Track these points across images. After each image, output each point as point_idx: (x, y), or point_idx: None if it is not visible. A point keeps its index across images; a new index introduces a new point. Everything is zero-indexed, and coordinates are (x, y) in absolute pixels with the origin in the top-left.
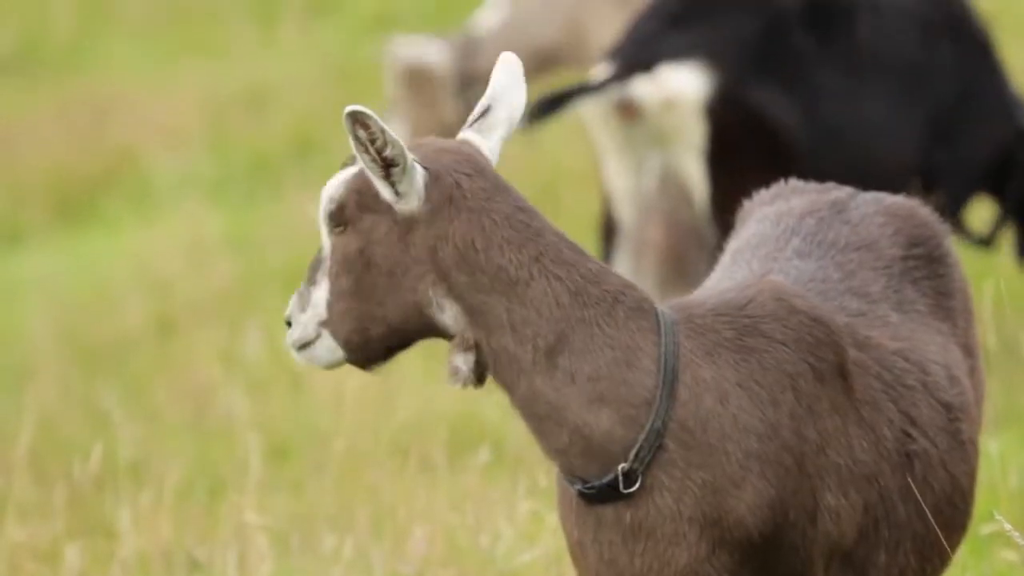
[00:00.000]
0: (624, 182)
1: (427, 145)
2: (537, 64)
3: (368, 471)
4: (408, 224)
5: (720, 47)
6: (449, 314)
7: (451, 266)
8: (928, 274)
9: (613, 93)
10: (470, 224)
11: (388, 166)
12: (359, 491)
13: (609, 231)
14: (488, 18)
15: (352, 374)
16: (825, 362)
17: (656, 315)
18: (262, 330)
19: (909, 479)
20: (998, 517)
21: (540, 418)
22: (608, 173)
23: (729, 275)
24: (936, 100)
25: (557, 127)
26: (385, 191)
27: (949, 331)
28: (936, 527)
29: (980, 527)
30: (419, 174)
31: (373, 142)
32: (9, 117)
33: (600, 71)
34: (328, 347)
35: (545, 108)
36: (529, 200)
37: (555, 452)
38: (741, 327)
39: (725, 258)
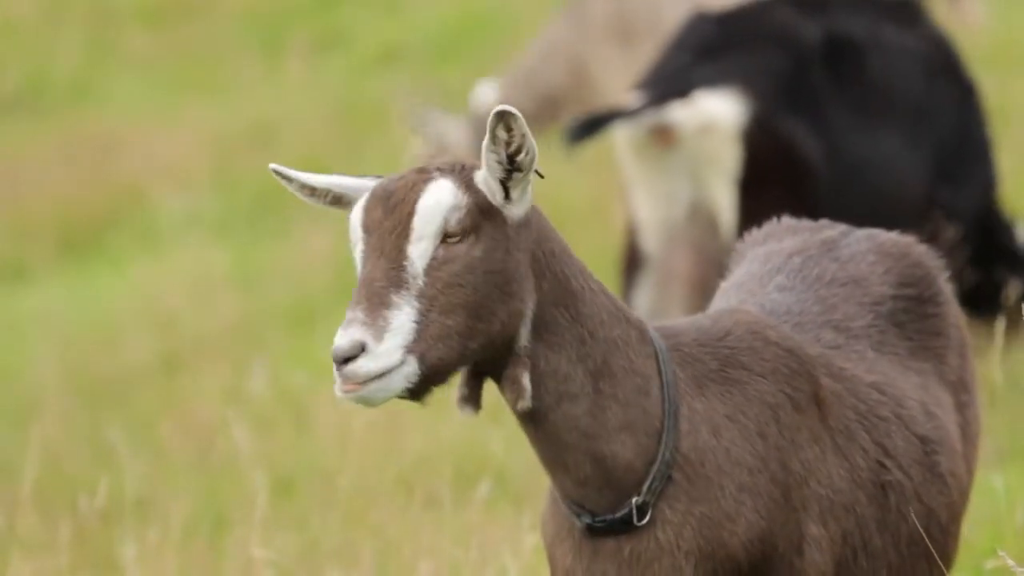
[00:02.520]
0: (652, 212)
1: None
2: (544, 110)
3: (373, 507)
4: (516, 229)
5: (753, 76)
6: (525, 329)
7: (543, 271)
8: (916, 315)
9: (649, 118)
10: (548, 230)
11: (510, 171)
12: (364, 527)
13: (631, 263)
14: (486, 96)
15: (358, 410)
16: (801, 392)
17: (652, 340)
18: (267, 366)
19: (884, 509)
20: (1001, 553)
21: (566, 447)
22: (635, 203)
23: None
24: (939, 139)
25: (560, 165)
26: (499, 195)
27: (932, 370)
28: (933, 556)
29: (984, 562)
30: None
31: (508, 145)
32: (15, 154)
33: (633, 99)
34: (406, 375)
35: (580, 131)
36: None
37: (574, 484)
38: (723, 358)
39: (716, 297)
